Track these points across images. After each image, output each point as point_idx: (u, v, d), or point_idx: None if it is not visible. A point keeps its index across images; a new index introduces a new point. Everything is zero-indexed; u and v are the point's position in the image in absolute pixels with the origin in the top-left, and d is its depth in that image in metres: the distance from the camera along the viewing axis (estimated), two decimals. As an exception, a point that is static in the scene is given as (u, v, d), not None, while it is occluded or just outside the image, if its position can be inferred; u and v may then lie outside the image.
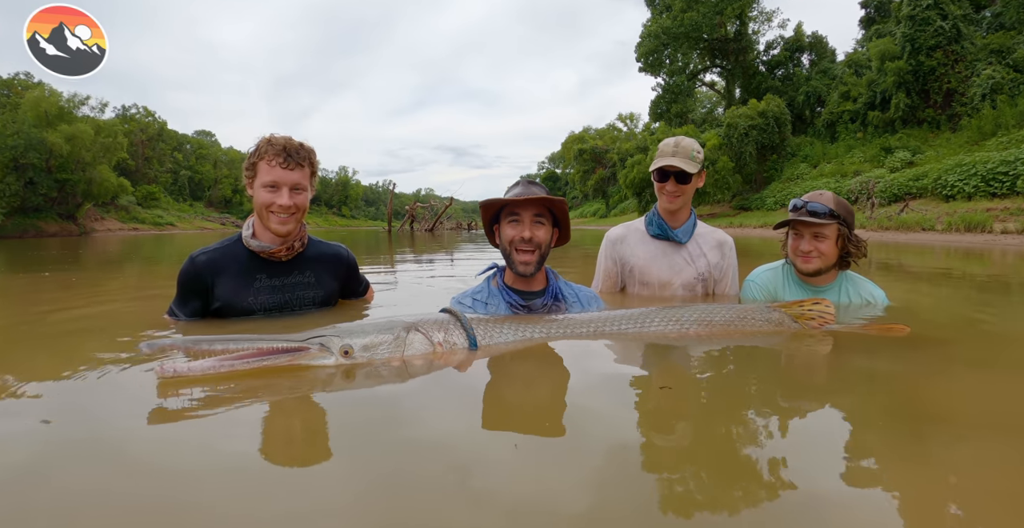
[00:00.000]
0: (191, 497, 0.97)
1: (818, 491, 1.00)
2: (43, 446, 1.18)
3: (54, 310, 3.37)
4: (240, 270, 2.47)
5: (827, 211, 2.56)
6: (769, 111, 34.62)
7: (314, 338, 1.66)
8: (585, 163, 67.64)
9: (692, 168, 2.82)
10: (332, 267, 2.73)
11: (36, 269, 7.40)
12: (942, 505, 0.95)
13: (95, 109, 44.86)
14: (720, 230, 3.14)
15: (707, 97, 57.52)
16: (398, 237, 22.96)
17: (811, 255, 2.61)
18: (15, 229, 34.08)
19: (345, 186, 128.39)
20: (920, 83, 28.96)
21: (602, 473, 1.05)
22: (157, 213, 54.62)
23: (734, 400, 1.52)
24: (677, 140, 2.91)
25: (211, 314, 2.51)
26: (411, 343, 1.76)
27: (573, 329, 2.06)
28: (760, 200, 33.44)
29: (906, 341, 2.10)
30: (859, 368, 1.86)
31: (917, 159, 26.02)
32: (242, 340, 1.57)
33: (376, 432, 1.27)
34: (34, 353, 2.17)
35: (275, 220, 2.40)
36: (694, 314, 2.16)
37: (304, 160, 2.42)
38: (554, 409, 1.46)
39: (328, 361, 1.64)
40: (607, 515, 0.91)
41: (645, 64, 45.20)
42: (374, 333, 1.73)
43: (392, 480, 1.01)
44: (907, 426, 1.31)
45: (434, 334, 1.81)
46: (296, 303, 2.59)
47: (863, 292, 2.78)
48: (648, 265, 3.01)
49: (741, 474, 1.05)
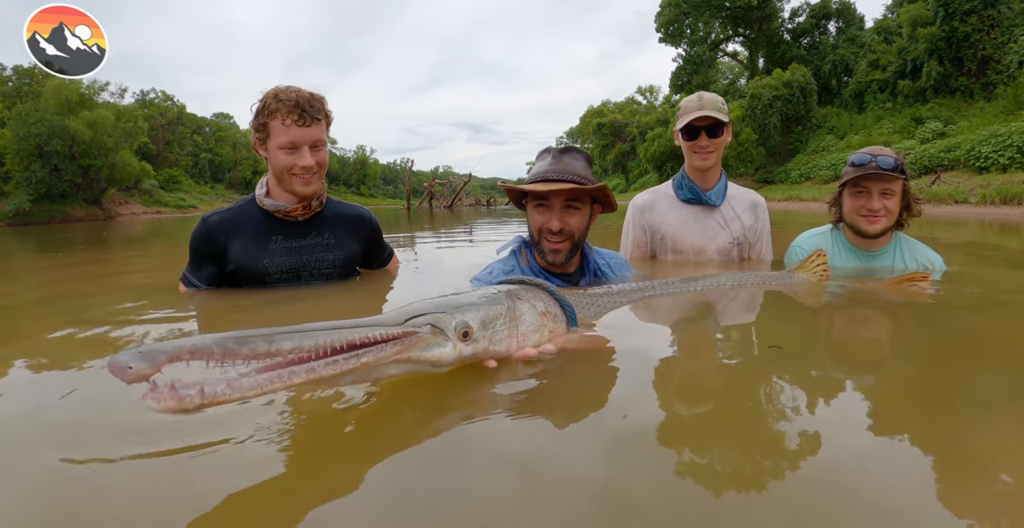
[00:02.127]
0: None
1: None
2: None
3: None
4: (255, 231, 2.33)
5: (898, 165, 2.39)
6: (794, 81, 33.62)
7: (418, 317, 1.13)
8: (604, 137, 66.64)
9: (724, 117, 2.71)
10: (354, 229, 2.56)
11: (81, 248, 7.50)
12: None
13: (115, 95, 45.27)
14: (752, 190, 3.00)
15: (729, 68, 56.05)
16: (417, 214, 22.89)
17: (879, 214, 2.44)
18: (42, 215, 34.68)
19: (363, 165, 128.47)
20: (953, 50, 27.84)
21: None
22: (179, 196, 55.13)
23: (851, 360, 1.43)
24: (699, 94, 2.80)
25: (225, 280, 2.36)
26: (522, 315, 1.33)
27: (664, 290, 1.96)
28: (784, 173, 32.70)
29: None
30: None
31: (949, 130, 25.14)
32: (306, 331, 0.92)
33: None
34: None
35: (299, 182, 2.25)
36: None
37: (319, 113, 2.23)
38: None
39: (446, 350, 1.12)
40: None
41: (665, 34, 44.21)
42: (483, 305, 1.26)
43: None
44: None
45: (536, 303, 1.40)
46: (314, 266, 2.41)
47: (919, 256, 2.60)
48: (680, 232, 2.87)
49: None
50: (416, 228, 11.46)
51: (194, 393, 0.78)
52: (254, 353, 0.83)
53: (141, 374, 0.73)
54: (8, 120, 35.83)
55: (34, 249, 8.29)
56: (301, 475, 0.86)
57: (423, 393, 1.14)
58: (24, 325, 2.18)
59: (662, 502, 0.76)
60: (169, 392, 0.76)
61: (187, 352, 0.76)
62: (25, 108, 35.68)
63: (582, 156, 2.07)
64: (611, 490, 0.80)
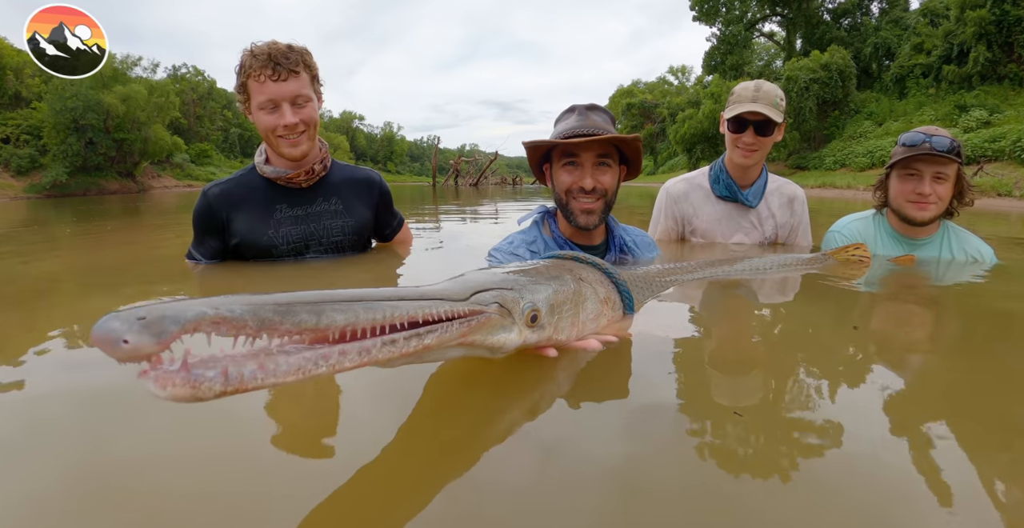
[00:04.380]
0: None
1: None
2: None
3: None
4: (258, 201, 2.20)
5: (955, 147, 2.22)
6: (833, 64, 32.53)
7: (482, 293, 0.95)
8: (634, 118, 65.51)
9: (778, 116, 2.48)
10: (363, 192, 2.40)
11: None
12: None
13: (147, 70, 45.90)
14: (791, 183, 2.84)
15: (764, 49, 54.44)
16: (443, 192, 22.90)
17: (930, 200, 2.27)
18: (79, 187, 35.50)
19: (390, 142, 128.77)
20: (1004, 35, 26.54)
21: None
22: (210, 170, 55.77)
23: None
24: (758, 84, 2.53)
25: (231, 254, 2.26)
26: (586, 301, 1.18)
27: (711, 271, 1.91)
28: (818, 159, 31.86)
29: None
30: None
31: (995, 119, 24.14)
32: (363, 300, 0.72)
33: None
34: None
35: (285, 144, 2.09)
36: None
37: (297, 65, 2.03)
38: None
39: (511, 335, 0.96)
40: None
41: (700, 12, 43.12)
42: (551, 286, 1.10)
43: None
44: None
45: (598, 288, 1.25)
46: (323, 234, 2.27)
47: (968, 247, 2.43)
48: (712, 228, 2.76)
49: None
50: (441, 203, 11.48)
51: (214, 375, 0.56)
52: (299, 328, 0.63)
53: (141, 351, 0.51)
54: (45, 94, 36.53)
55: (73, 219, 8.44)
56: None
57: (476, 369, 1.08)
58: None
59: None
60: (180, 374, 0.54)
61: (209, 322, 0.55)
62: (61, 83, 36.25)
63: (608, 115, 1.93)
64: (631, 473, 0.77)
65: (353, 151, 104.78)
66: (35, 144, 36.55)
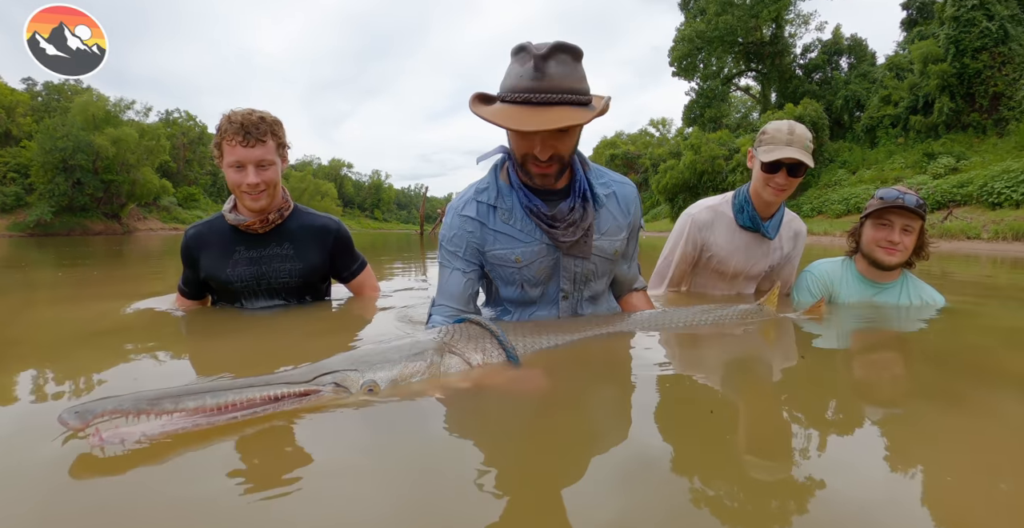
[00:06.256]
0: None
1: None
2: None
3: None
4: (221, 243, 2.54)
5: (921, 205, 2.54)
6: (806, 116, 33.85)
7: (324, 376, 1.26)
8: (617, 168, 67.03)
9: (810, 160, 2.58)
10: (316, 239, 2.62)
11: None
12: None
13: (140, 113, 46.66)
14: (798, 218, 3.02)
15: (741, 102, 56.68)
16: (430, 239, 23.11)
17: (898, 247, 2.58)
18: (63, 227, 35.36)
19: (378, 189, 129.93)
20: (965, 86, 28.03)
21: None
22: (197, 213, 55.85)
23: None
24: (791, 127, 2.62)
25: (204, 285, 2.64)
26: (448, 369, 1.43)
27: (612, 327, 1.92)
28: (796, 207, 32.65)
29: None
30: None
31: (961, 165, 25.18)
32: (218, 390, 1.12)
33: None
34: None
35: (248, 198, 2.40)
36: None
37: (265, 134, 2.33)
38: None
39: (349, 399, 1.27)
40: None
41: (678, 69, 44.86)
42: (402, 361, 1.37)
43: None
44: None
45: (472, 355, 1.49)
46: (272, 275, 2.55)
47: (924, 294, 2.77)
48: (729, 256, 2.89)
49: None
50: (428, 250, 11.63)
51: (109, 436, 1.01)
52: (162, 411, 1.05)
53: (77, 428, 0.99)
54: (36, 133, 36.81)
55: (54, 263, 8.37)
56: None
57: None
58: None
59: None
60: (96, 437, 1.01)
61: (110, 411, 1.00)
62: (53, 123, 36.68)
63: (570, 56, 1.58)
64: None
65: (341, 198, 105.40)
66: (22, 182, 36.59)
